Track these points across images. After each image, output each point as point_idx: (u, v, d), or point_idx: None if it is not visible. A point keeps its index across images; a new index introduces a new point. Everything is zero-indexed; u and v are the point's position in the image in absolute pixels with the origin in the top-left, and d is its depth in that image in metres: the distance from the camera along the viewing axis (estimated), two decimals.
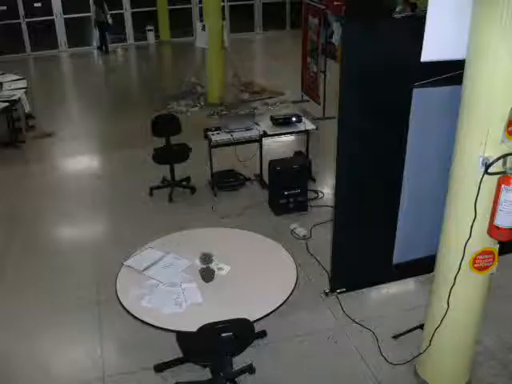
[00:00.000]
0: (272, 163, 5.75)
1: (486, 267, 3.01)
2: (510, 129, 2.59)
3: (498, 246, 2.95)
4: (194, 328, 2.89)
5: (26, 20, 13.96)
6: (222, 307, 3.16)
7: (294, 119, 6.27)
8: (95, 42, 14.73)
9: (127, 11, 14.96)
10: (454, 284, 3.03)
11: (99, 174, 6.93)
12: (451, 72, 2.78)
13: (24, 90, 8.14)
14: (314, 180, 6.43)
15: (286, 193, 5.64)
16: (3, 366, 3.82)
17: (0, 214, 5.91)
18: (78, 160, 7.41)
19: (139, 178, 6.57)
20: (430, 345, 3.34)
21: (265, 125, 6.29)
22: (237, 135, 6.01)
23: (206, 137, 6.07)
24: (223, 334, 2.91)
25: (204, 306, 3.18)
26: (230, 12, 15.69)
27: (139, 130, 7.77)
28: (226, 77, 9.91)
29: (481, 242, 2.91)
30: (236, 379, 3.54)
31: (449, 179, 2.95)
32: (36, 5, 14.02)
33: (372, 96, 2.84)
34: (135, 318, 3.12)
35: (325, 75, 8.39)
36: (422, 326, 3.62)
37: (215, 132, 6.07)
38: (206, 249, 3.49)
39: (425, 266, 3.40)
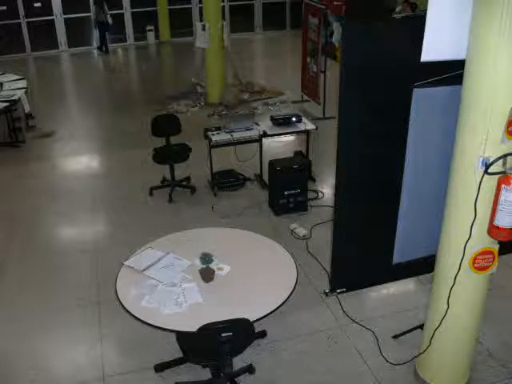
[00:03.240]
0: (272, 163, 5.75)
1: (486, 267, 3.01)
2: (510, 129, 2.59)
3: (498, 245, 2.95)
4: (194, 328, 2.89)
5: (26, 20, 13.97)
6: (221, 307, 3.16)
7: (294, 119, 6.27)
8: (95, 42, 14.74)
9: (127, 11, 14.96)
10: (453, 284, 3.03)
11: (99, 174, 6.93)
12: (451, 72, 2.78)
13: (24, 89, 8.14)
14: (314, 180, 6.43)
15: (285, 193, 5.64)
16: (3, 366, 3.81)
17: (0, 214, 5.91)
18: (78, 160, 7.40)
19: (139, 178, 6.58)
20: (430, 345, 3.34)
21: (265, 125, 6.30)
22: (237, 135, 6.01)
23: (206, 137, 6.07)
24: (223, 334, 2.91)
25: (204, 306, 3.18)
26: (230, 12, 15.67)
27: (139, 130, 7.78)
28: (226, 77, 9.91)
29: (481, 241, 2.90)
30: (236, 379, 3.54)
31: (449, 179, 2.95)
32: (36, 5, 14.03)
33: (372, 96, 2.83)
34: (135, 318, 3.13)
35: (325, 75, 8.40)
36: (421, 326, 3.62)
37: (215, 132, 6.08)
38: (206, 249, 3.49)
39: (425, 266, 3.40)
